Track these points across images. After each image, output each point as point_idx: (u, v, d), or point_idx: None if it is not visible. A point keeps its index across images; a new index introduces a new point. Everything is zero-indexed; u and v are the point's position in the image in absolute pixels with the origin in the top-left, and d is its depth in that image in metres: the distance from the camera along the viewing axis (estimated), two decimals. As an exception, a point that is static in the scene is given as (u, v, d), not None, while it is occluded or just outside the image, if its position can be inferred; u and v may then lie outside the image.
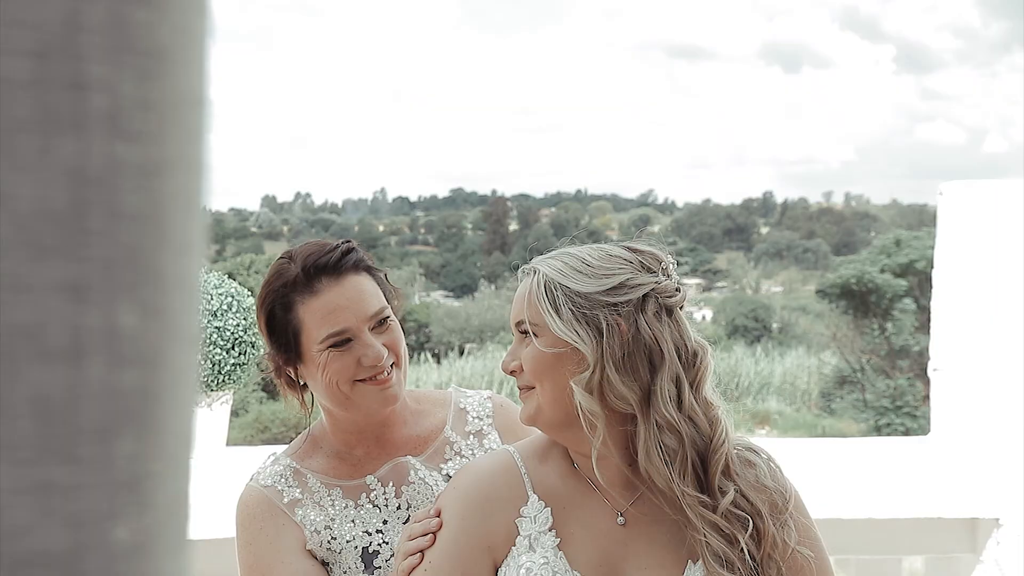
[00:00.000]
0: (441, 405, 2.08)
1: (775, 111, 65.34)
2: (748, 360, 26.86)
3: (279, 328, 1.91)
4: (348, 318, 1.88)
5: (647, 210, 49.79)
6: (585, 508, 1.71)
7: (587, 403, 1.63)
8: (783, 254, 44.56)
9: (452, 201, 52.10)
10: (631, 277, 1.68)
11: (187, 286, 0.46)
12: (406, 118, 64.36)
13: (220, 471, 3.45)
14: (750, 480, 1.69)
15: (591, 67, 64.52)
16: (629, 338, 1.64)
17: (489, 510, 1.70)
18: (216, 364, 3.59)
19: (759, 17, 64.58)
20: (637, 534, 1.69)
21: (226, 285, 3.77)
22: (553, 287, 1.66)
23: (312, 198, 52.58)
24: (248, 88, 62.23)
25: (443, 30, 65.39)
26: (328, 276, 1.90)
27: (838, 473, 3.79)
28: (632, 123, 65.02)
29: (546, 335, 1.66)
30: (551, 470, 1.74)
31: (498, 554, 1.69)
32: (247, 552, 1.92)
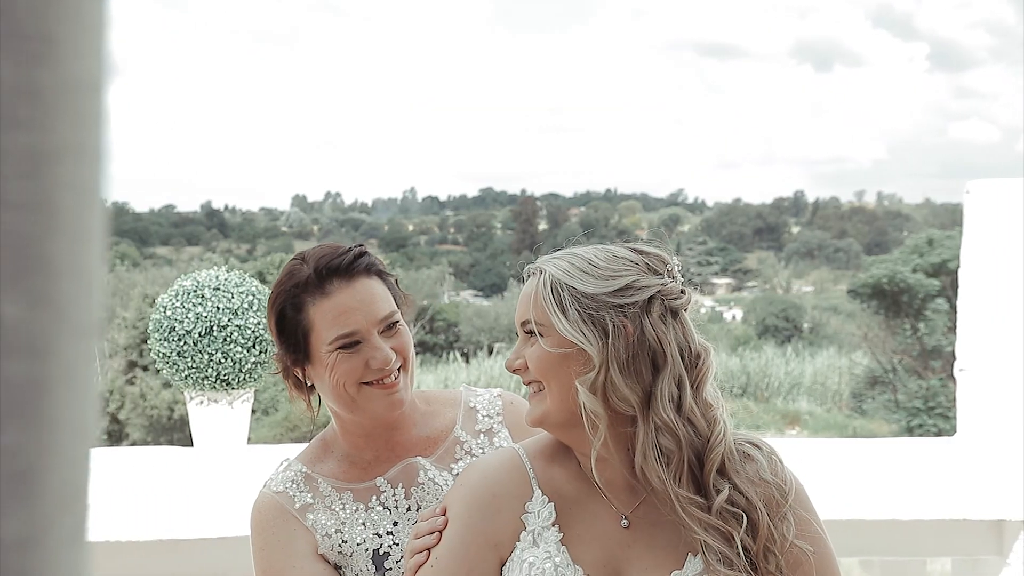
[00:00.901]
0: (451, 405, 2.08)
1: (806, 110, 64.96)
2: (778, 360, 26.73)
3: (289, 328, 1.92)
4: (358, 320, 1.89)
5: (677, 209, 49.61)
6: (589, 509, 1.72)
7: (590, 404, 1.63)
8: (814, 254, 44.28)
9: (481, 200, 52.14)
10: (637, 279, 1.68)
11: (81, 276, 0.45)
12: (435, 118, 64.52)
13: (241, 469, 3.48)
14: (748, 475, 1.69)
15: (620, 66, 64.42)
16: (634, 340, 1.65)
17: (495, 507, 1.71)
18: (237, 362, 3.61)
19: (790, 15, 64.24)
20: (640, 536, 1.70)
21: (247, 284, 3.79)
22: (560, 287, 1.67)
23: (342, 198, 52.79)
24: (278, 88, 62.56)
25: (473, 30, 65.50)
26: (340, 278, 1.91)
27: (861, 474, 3.76)
28: (662, 122, 64.85)
29: (552, 335, 1.67)
30: (558, 470, 1.75)
31: (503, 551, 1.70)
32: (261, 557, 1.94)
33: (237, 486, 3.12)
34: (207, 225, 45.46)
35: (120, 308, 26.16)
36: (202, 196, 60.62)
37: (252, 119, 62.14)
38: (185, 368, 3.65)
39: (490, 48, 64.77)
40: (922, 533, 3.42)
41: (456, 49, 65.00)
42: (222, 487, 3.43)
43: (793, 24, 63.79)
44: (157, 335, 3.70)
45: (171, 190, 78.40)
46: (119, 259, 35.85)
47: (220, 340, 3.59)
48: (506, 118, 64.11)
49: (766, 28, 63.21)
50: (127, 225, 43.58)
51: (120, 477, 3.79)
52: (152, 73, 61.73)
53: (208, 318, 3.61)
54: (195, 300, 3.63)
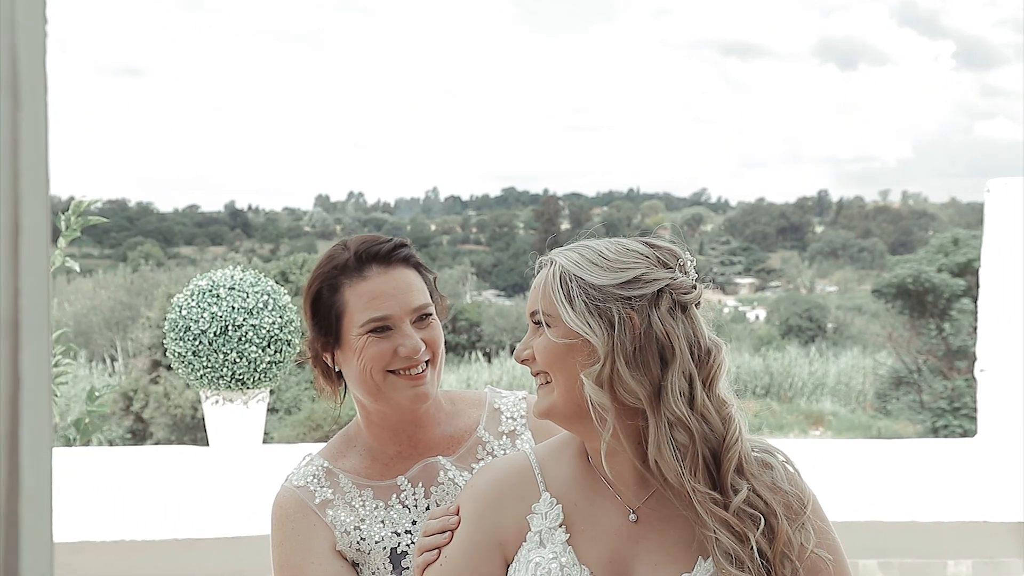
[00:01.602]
0: (476, 405, 2.08)
1: (830, 109, 64.60)
2: (802, 360, 26.60)
3: (323, 309, 1.95)
4: (391, 306, 1.92)
5: (700, 209, 49.42)
6: (597, 505, 1.71)
7: (597, 396, 1.63)
8: (838, 253, 44.03)
9: (504, 200, 52.09)
10: (646, 272, 1.68)
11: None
12: (458, 117, 64.57)
13: (256, 468, 3.48)
14: (766, 481, 1.69)
15: (643, 65, 64.28)
16: (641, 332, 1.64)
17: (500, 507, 1.72)
18: (252, 362, 3.61)
19: (814, 13, 63.91)
20: (648, 531, 1.69)
21: (262, 283, 3.80)
22: (568, 278, 1.67)
23: (365, 197, 52.86)
24: (301, 89, 62.79)
25: (496, 29, 65.54)
26: (379, 264, 1.94)
27: (881, 475, 3.73)
28: (684, 121, 64.64)
29: (558, 326, 1.67)
30: (565, 467, 1.74)
31: (508, 550, 1.71)
32: (279, 552, 1.95)
33: (252, 486, 3.12)
34: (231, 225, 45.63)
35: (144, 308, 26.32)
36: (226, 196, 60.91)
37: (275, 119, 62.41)
38: (200, 367, 3.66)
39: (513, 48, 64.82)
40: (942, 535, 3.38)
41: (479, 49, 65.07)
42: (237, 487, 3.44)
43: (817, 23, 63.48)
44: (173, 334, 3.71)
45: (195, 190, 78.86)
46: (143, 259, 36.05)
47: (235, 340, 3.60)
48: (529, 118, 64.13)
49: (790, 27, 62.94)
50: (151, 225, 43.81)
51: (136, 476, 3.81)
52: (175, 73, 62.09)
53: (223, 317, 3.62)
54: (210, 300, 3.63)
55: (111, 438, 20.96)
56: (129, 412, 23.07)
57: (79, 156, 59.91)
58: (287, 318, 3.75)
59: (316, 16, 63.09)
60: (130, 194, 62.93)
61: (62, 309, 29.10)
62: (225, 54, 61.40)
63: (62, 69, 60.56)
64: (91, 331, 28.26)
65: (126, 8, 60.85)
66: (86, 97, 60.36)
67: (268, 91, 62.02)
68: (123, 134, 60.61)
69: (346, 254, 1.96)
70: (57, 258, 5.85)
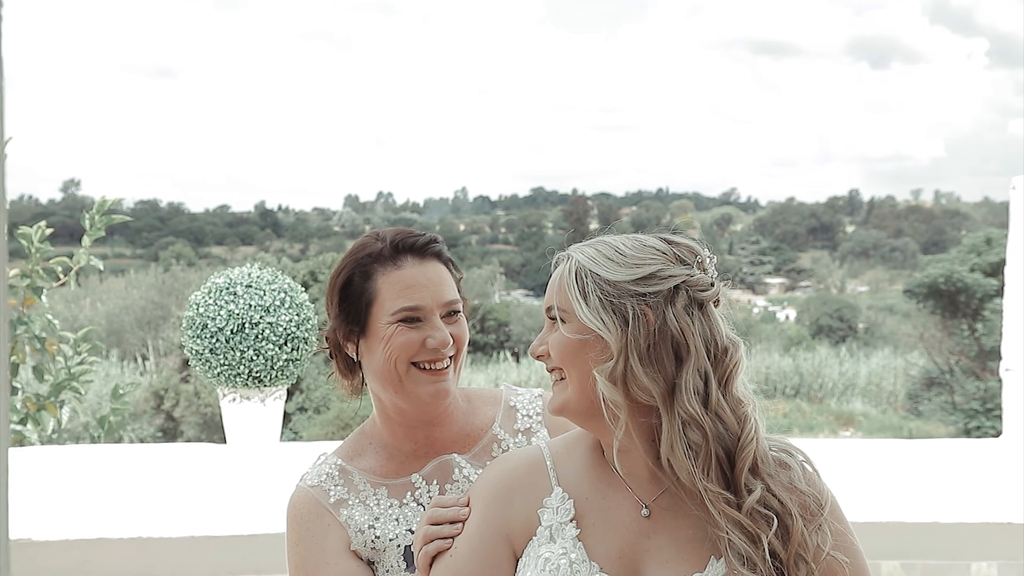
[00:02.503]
0: (492, 403, 2.08)
1: (862, 107, 64.08)
2: (832, 361, 26.42)
3: (353, 295, 1.94)
4: (424, 297, 1.93)
5: (729, 209, 49.20)
6: (609, 499, 1.69)
7: (610, 393, 1.61)
8: (869, 253, 43.71)
9: (533, 200, 52.08)
10: (663, 268, 1.66)
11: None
12: (487, 117, 64.58)
13: (274, 466, 3.49)
14: (783, 481, 1.65)
15: (673, 64, 64.02)
16: (655, 329, 1.62)
17: (510, 500, 1.70)
18: (269, 360, 3.61)
19: (846, 12, 63.41)
20: (661, 527, 1.66)
21: (279, 281, 3.80)
22: (584, 274, 1.66)
23: (394, 197, 53.01)
24: (330, 89, 63.02)
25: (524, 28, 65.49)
26: (413, 255, 1.95)
27: (907, 475, 3.68)
28: (714, 121, 64.33)
29: (572, 321, 1.66)
30: (579, 461, 1.73)
31: (517, 543, 1.69)
32: (295, 552, 1.95)
33: (270, 483, 3.12)
34: (261, 225, 45.89)
35: (175, 307, 26.50)
36: (256, 196, 61.22)
37: (305, 120, 62.67)
38: (218, 365, 3.66)
39: (542, 47, 64.74)
40: (965, 536, 3.34)
41: (508, 48, 65.05)
42: (255, 484, 3.45)
43: (848, 21, 63.00)
44: (190, 332, 3.72)
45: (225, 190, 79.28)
46: (175, 259, 36.31)
47: (252, 337, 3.60)
48: (558, 117, 64.04)
49: (821, 25, 62.49)
50: (182, 225, 44.13)
51: (154, 473, 3.83)
52: (207, 74, 62.49)
53: (240, 315, 3.62)
54: (227, 297, 3.64)
55: (142, 436, 21.13)
56: (160, 411, 23.24)
57: (112, 157, 60.40)
58: (304, 316, 3.75)
59: (346, 17, 63.31)
60: (162, 194, 63.35)
61: (94, 308, 29.35)
62: (256, 55, 61.73)
63: (96, 70, 61.10)
64: (123, 330, 28.50)
65: (158, 10, 61.29)
66: (119, 98, 60.87)
67: (298, 92, 62.30)
68: (155, 135, 61.07)
69: (380, 244, 1.96)
70: (82, 256, 5.88)
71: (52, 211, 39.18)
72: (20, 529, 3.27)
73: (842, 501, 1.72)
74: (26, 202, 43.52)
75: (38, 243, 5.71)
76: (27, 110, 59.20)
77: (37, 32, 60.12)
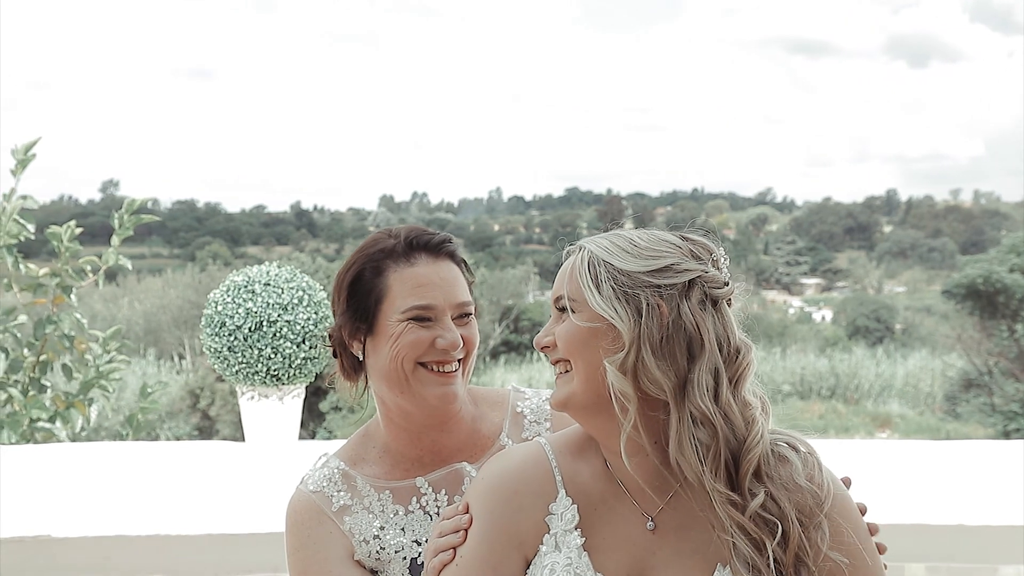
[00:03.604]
0: (498, 407, 2.01)
1: (899, 107, 63.41)
2: (868, 362, 26.16)
3: (363, 291, 1.88)
4: (437, 296, 1.87)
5: (765, 209, 48.88)
6: (615, 512, 1.64)
7: (619, 384, 1.57)
8: (907, 253, 43.27)
9: (567, 200, 52.03)
10: (679, 262, 1.62)
11: None
12: (521, 117, 64.51)
13: (291, 464, 3.48)
14: (782, 479, 1.60)
15: (708, 64, 63.65)
16: (669, 322, 1.58)
17: (517, 504, 1.64)
18: (287, 358, 3.61)
19: (884, 10, 62.76)
20: (666, 541, 1.62)
21: (297, 280, 3.80)
22: (597, 263, 1.62)
23: (428, 197, 53.16)
24: (365, 90, 63.20)
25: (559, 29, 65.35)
26: (427, 253, 1.89)
27: (938, 477, 3.64)
28: (750, 120, 63.91)
29: (583, 310, 1.61)
30: (584, 468, 1.67)
31: (528, 550, 1.63)
32: (295, 558, 1.89)
33: (288, 481, 3.11)
34: (296, 225, 46.16)
35: (211, 307, 26.68)
36: (291, 196, 61.55)
37: (340, 120, 62.89)
38: (236, 363, 3.67)
39: (577, 47, 64.57)
40: (992, 539, 3.28)
41: (543, 48, 64.93)
42: (273, 482, 3.45)
43: (886, 20, 62.34)
44: (209, 330, 3.73)
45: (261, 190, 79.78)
46: (211, 258, 36.59)
47: (270, 335, 3.60)
48: (593, 117, 63.86)
49: (859, 24, 61.89)
50: (219, 225, 44.47)
51: (174, 471, 3.84)
52: (243, 76, 62.87)
53: (258, 313, 3.61)
54: (245, 296, 3.64)
55: (178, 434, 21.29)
56: (196, 409, 23.41)
57: (150, 157, 60.89)
58: (322, 314, 3.74)
59: (381, 19, 63.47)
60: (198, 194, 63.86)
61: (132, 308, 29.62)
62: (292, 56, 62.01)
63: (134, 72, 61.62)
64: (159, 329, 28.74)
65: (196, 12, 61.73)
66: (157, 99, 61.37)
67: (334, 93, 62.50)
68: (192, 136, 61.53)
69: (393, 240, 1.90)
70: (111, 256, 5.94)
71: (91, 211, 39.58)
72: (40, 526, 3.30)
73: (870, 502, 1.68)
74: (66, 203, 44.03)
75: (67, 242, 5.76)
76: (66, 112, 59.80)
77: (75, 35, 60.71)
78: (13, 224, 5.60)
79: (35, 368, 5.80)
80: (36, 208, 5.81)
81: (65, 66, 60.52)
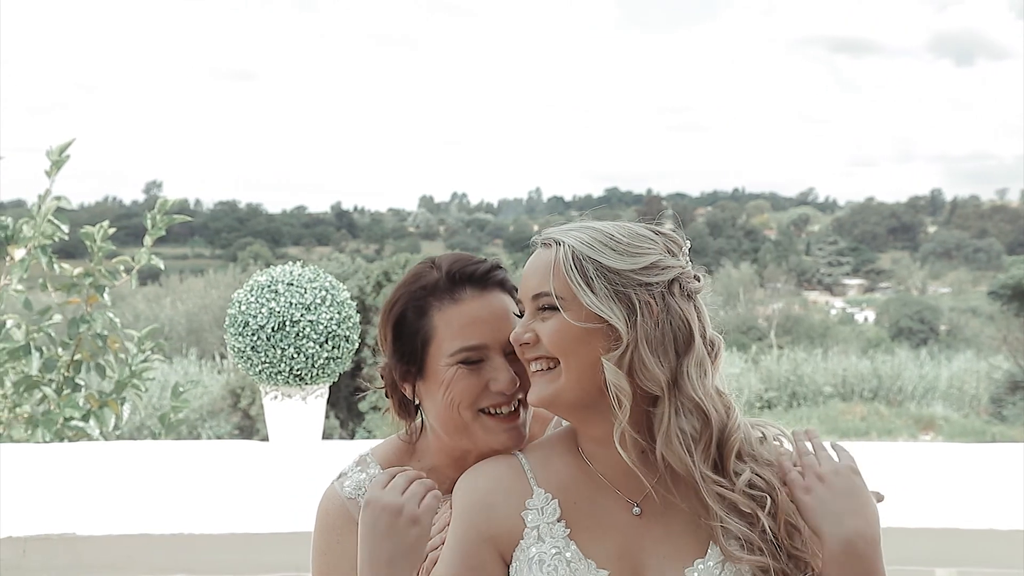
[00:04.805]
0: (540, 421, 1.93)
1: (945, 105, 62.71)
2: (912, 363, 25.89)
3: (407, 334, 1.77)
4: (486, 334, 1.74)
5: (807, 209, 48.50)
6: (597, 503, 1.66)
7: (617, 381, 1.59)
8: (952, 254, 42.77)
9: (607, 200, 51.95)
10: (661, 259, 1.65)
11: None
12: (561, 117, 64.53)
13: (314, 465, 3.49)
14: (765, 456, 1.66)
15: (749, 63, 63.32)
16: (661, 318, 1.61)
17: (490, 502, 1.66)
18: (309, 358, 3.61)
19: (928, 8, 62.10)
20: (653, 523, 1.64)
21: (320, 279, 3.80)
22: (583, 259, 1.62)
23: (468, 198, 53.28)
24: (405, 91, 63.49)
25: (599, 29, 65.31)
26: (473, 286, 1.77)
27: (980, 480, 3.57)
28: (791, 120, 63.48)
29: (575, 309, 1.61)
30: (558, 466, 1.69)
31: (503, 546, 1.65)
32: (321, 560, 1.86)
33: (310, 482, 3.11)
34: (336, 226, 46.44)
35: (251, 307, 26.90)
36: (332, 197, 61.95)
37: (380, 121, 63.23)
38: (259, 363, 3.68)
39: (617, 47, 64.48)
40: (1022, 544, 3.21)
41: (582, 48, 64.90)
42: (295, 483, 3.45)
43: (931, 17, 61.68)
44: (232, 330, 3.74)
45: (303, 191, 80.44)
46: (252, 259, 36.90)
47: (292, 335, 3.60)
48: (633, 117, 63.75)
49: (902, 22, 61.29)
50: (260, 226, 44.85)
51: (197, 470, 3.86)
52: (284, 77, 63.39)
53: (280, 313, 3.62)
54: (268, 295, 3.65)
55: (219, 433, 21.49)
56: (236, 409, 23.61)
57: (192, 158, 61.58)
58: (345, 314, 3.74)
59: (420, 19, 63.76)
60: (240, 195, 64.41)
61: (174, 307, 29.95)
62: (332, 58, 62.44)
63: (178, 74, 62.34)
64: (201, 329, 29.02)
65: (238, 14, 62.33)
66: (200, 101, 62.05)
67: (373, 94, 62.86)
68: (234, 137, 62.14)
69: (436, 274, 1.77)
70: (143, 256, 5.99)
71: (135, 212, 40.07)
72: (66, 524, 3.32)
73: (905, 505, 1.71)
74: (110, 204, 44.61)
75: (100, 242, 5.82)
76: (111, 114, 60.61)
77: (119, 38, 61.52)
78: (48, 225, 5.66)
79: (69, 367, 5.87)
80: (70, 208, 5.87)
81: (110, 68, 61.36)
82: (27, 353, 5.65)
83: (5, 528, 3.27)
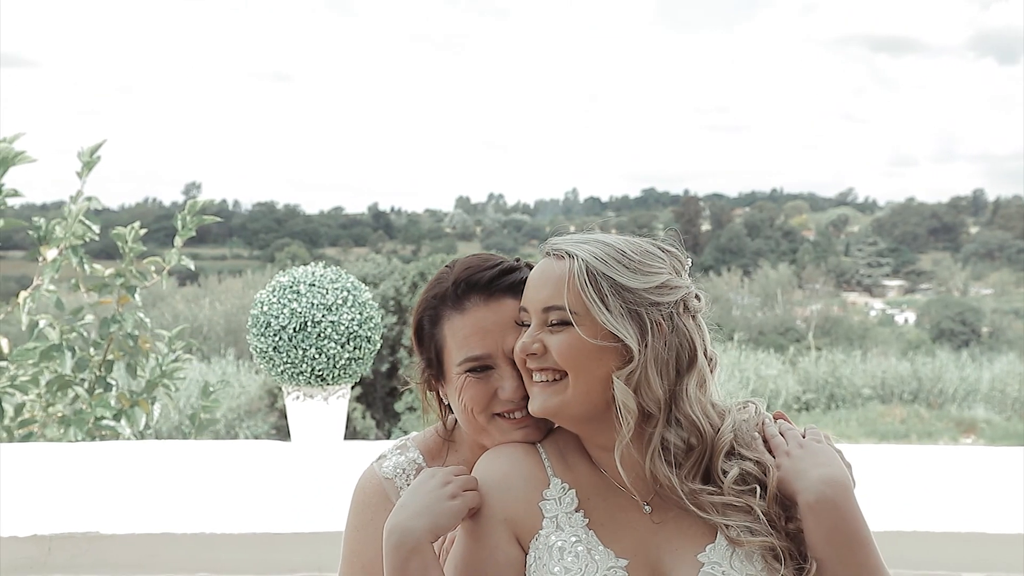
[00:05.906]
0: None
1: (987, 104, 61.91)
2: (953, 365, 25.59)
3: (426, 341, 1.84)
4: (489, 344, 1.77)
5: (846, 209, 48.05)
6: (611, 501, 1.68)
7: (625, 398, 1.60)
8: (994, 255, 42.21)
9: (643, 201, 51.79)
10: (671, 278, 1.67)
11: None
12: (598, 118, 64.40)
13: (336, 464, 3.50)
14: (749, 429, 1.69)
15: (787, 63, 62.86)
16: (669, 338, 1.64)
17: (506, 485, 1.68)
18: (331, 358, 3.61)
19: (971, 5, 61.35)
20: (666, 519, 1.66)
21: (342, 280, 3.81)
22: (597, 275, 1.63)
23: (505, 199, 53.29)
24: (441, 91, 63.66)
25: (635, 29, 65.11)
26: (478, 295, 1.79)
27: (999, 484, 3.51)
28: (831, 119, 62.93)
29: (589, 325, 1.62)
30: (575, 461, 1.71)
31: (519, 530, 1.66)
32: (354, 537, 1.90)
33: (333, 481, 3.12)
34: (373, 226, 46.61)
35: (288, 307, 27.05)
36: (369, 198, 62.27)
37: (417, 122, 63.45)
38: (281, 363, 3.69)
39: (653, 47, 64.28)
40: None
41: (619, 48, 64.75)
42: (318, 483, 3.46)
43: (974, 15, 60.94)
44: (255, 330, 3.75)
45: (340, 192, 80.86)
46: (290, 259, 37.13)
47: (314, 336, 3.61)
48: (669, 117, 63.49)
49: (945, 19, 60.60)
50: (298, 227, 45.10)
51: (220, 470, 3.88)
52: (321, 78, 63.78)
53: (302, 314, 3.63)
54: (290, 296, 3.66)
55: (256, 433, 21.66)
56: (274, 408, 23.77)
57: (231, 160, 62.12)
58: (366, 315, 3.74)
59: (457, 20, 63.92)
60: (278, 196, 64.91)
61: (213, 308, 30.20)
62: (368, 58, 62.73)
63: (216, 75, 62.92)
64: (239, 329, 29.23)
65: (275, 15, 62.81)
66: (238, 102, 62.57)
67: (410, 94, 63.06)
68: (272, 138, 62.61)
69: (448, 281, 1.81)
70: (173, 256, 6.04)
71: (173, 213, 40.40)
72: (90, 523, 3.35)
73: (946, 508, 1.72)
74: (150, 205, 45.05)
75: (131, 243, 5.87)
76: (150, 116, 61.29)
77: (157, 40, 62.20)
78: (79, 225, 5.73)
79: (100, 367, 5.93)
80: (109, 209, 5.94)
81: (149, 70, 62.04)
82: (60, 353, 5.72)
83: (31, 526, 3.30)
